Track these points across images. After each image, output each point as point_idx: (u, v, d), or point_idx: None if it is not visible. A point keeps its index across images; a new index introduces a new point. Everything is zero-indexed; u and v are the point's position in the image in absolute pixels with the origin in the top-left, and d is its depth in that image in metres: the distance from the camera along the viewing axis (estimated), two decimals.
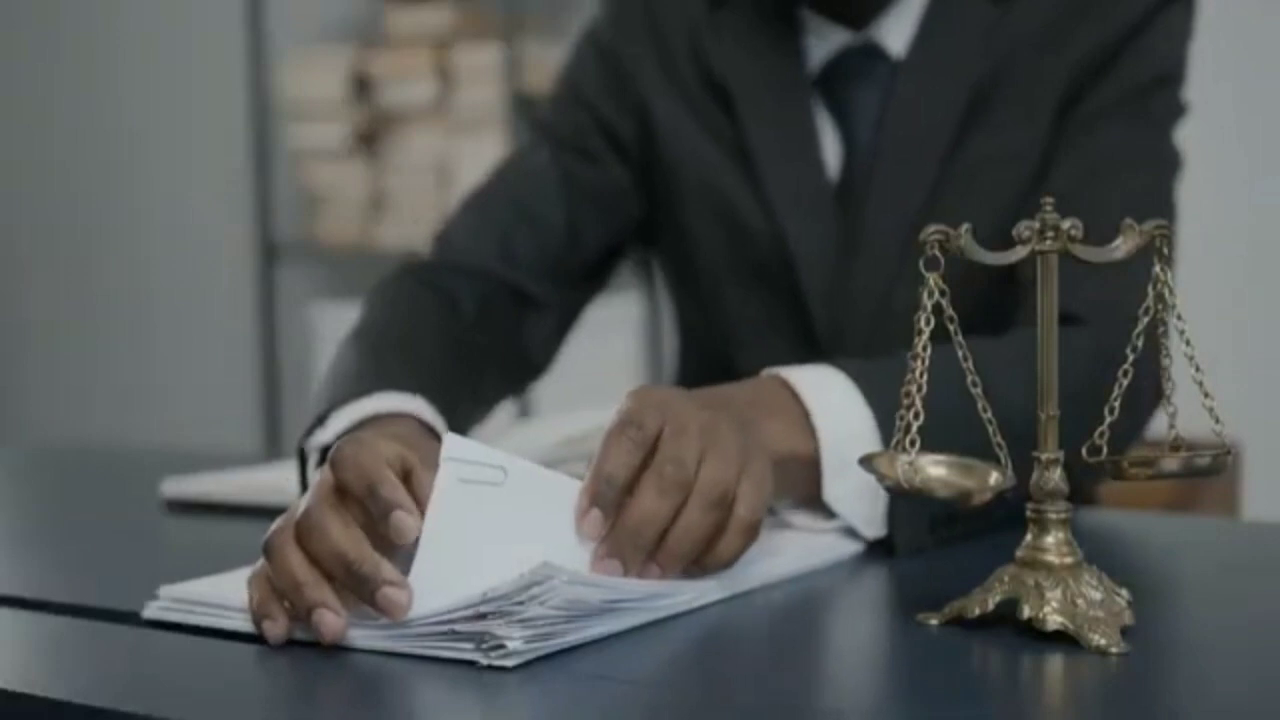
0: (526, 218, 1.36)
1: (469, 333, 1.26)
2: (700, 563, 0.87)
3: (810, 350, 1.31)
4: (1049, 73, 1.27)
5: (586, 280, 1.41)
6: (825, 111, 1.33)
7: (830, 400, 1.01)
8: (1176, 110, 1.30)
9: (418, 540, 0.81)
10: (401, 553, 0.81)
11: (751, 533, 0.89)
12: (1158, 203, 1.24)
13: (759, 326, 1.36)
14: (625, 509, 0.85)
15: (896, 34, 1.31)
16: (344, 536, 0.80)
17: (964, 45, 1.29)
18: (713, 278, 1.38)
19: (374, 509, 0.81)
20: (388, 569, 0.80)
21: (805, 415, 1.01)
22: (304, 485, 1.05)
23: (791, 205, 1.32)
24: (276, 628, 0.81)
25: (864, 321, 1.30)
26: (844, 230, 1.31)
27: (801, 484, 1.01)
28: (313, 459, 1.05)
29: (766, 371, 1.05)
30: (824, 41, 1.33)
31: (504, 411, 1.40)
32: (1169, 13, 1.29)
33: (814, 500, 1.02)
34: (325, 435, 1.04)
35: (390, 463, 0.84)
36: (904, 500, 0.99)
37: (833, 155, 1.32)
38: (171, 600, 0.86)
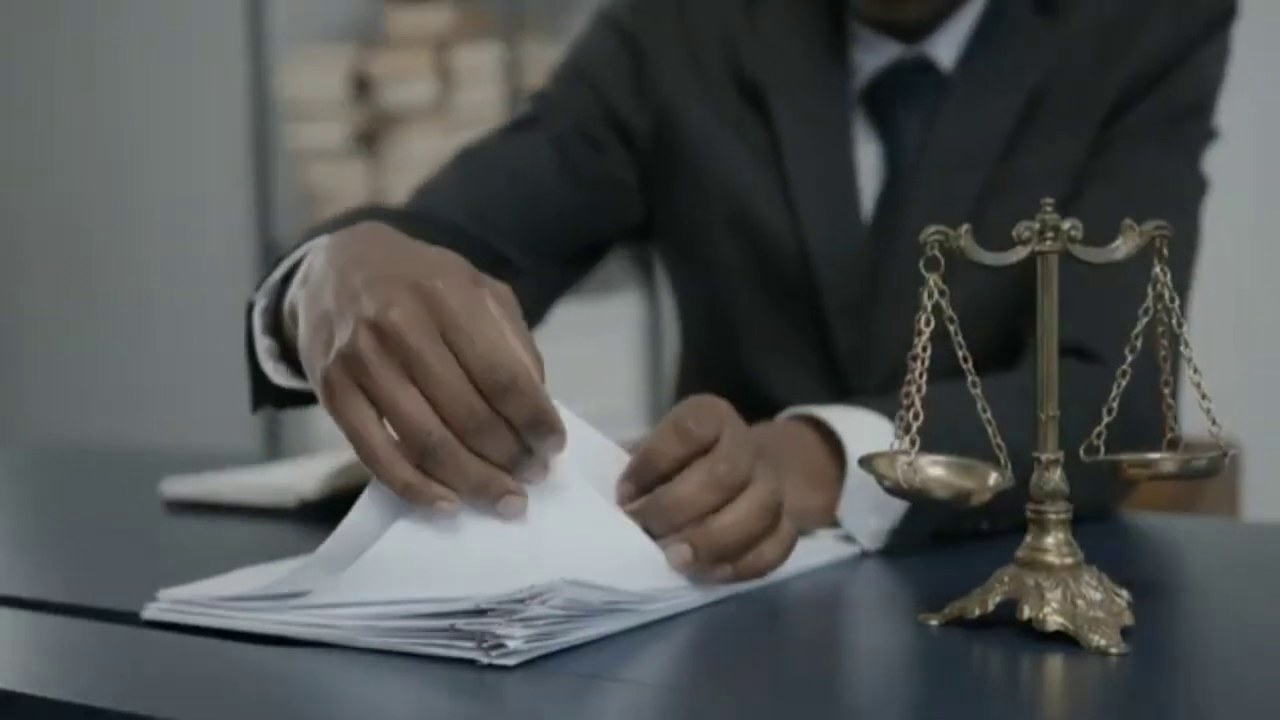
0: (511, 186, 1.31)
1: None
2: (738, 567, 0.87)
3: (827, 364, 1.30)
4: (1097, 88, 1.26)
5: (569, 261, 1.36)
6: (868, 125, 1.31)
7: (861, 432, 1.01)
8: (1208, 136, 1.29)
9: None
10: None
11: (791, 548, 0.89)
12: (1185, 233, 1.23)
13: (774, 337, 1.33)
14: (663, 489, 0.85)
15: (947, 47, 1.29)
16: (510, 442, 0.80)
17: (1014, 59, 1.27)
18: (729, 285, 1.35)
19: (533, 438, 0.80)
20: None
21: (828, 462, 1.02)
22: (250, 338, 0.99)
23: (821, 222, 1.29)
24: (452, 503, 0.80)
25: (889, 338, 1.27)
26: (876, 247, 1.28)
27: (813, 525, 1.02)
28: (260, 302, 0.99)
29: (793, 411, 1.05)
30: (874, 54, 1.30)
31: None
32: (1216, 39, 1.28)
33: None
34: (273, 278, 0.97)
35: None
36: (911, 519, 1.00)
37: (872, 170, 1.30)
38: (171, 602, 0.86)
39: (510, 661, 0.74)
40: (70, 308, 4.01)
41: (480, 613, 0.76)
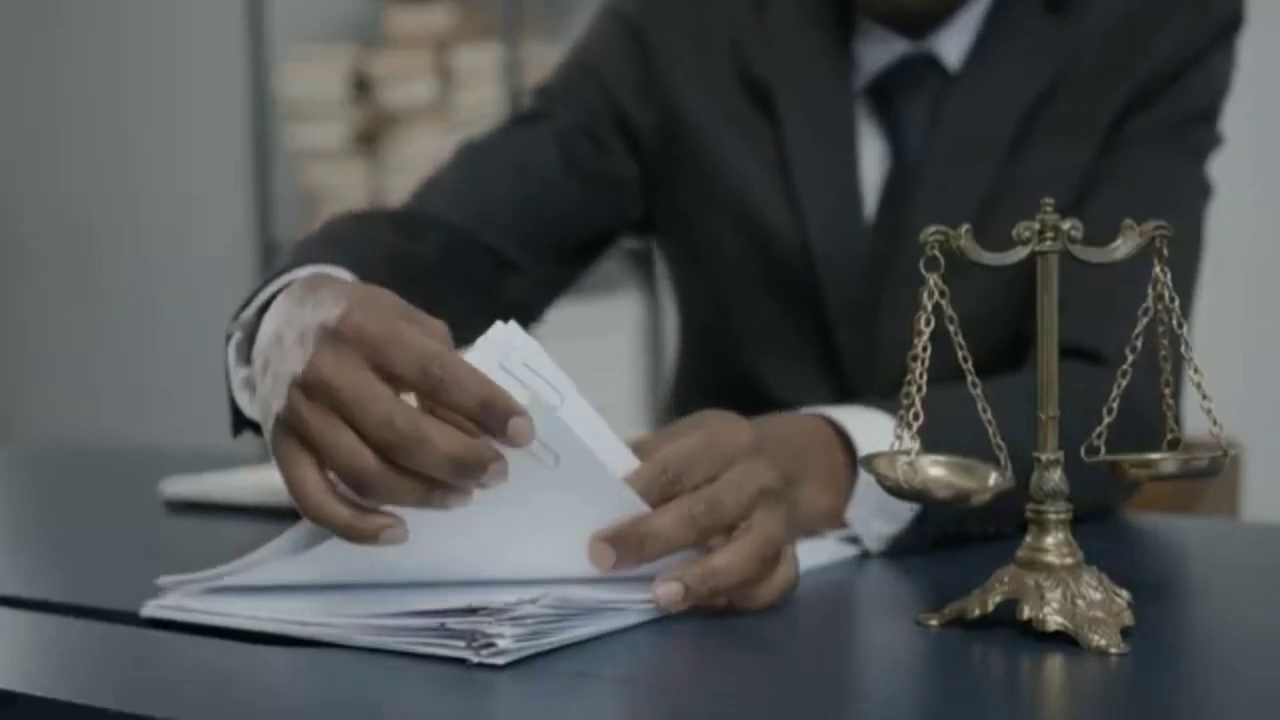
0: (514, 182, 1.30)
1: (429, 275, 1.18)
2: (735, 599, 0.85)
3: (827, 364, 1.30)
4: (1107, 90, 1.25)
5: (570, 257, 1.35)
6: (873, 122, 1.30)
7: (872, 435, 1.00)
8: (1214, 142, 1.29)
9: None
10: None
11: (787, 590, 0.86)
12: (1190, 238, 1.23)
13: (775, 335, 1.33)
14: (645, 515, 0.82)
15: (954, 45, 1.28)
16: (452, 438, 0.76)
17: (1023, 58, 1.26)
18: (731, 282, 1.34)
19: (484, 417, 0.76)
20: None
21: (844, 464, 1.00)
22: (229, 376, 1.01)
23: (824, 220, 1.28)
24: (395, 529, 0.79)
25: (892, 337, 1.25)
26: (879, 246, 1.27)
27: (825, 527, 1.02)
28: (236, 335, 1.00)
29: (806, 412, 1.04)
30: (879, 50, 1.29)
31: None
32: (1225, 46, 1.28)
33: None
34: (248, 311, 0.99)
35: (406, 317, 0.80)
36: (918, 523, 1.00)
37: (877, 167, 1.29)
38: (170, 594, 0.86)
39: (500, 660, 0.74)
40: (70, 308, 4.01)
41: (471, 612, 0.77)
